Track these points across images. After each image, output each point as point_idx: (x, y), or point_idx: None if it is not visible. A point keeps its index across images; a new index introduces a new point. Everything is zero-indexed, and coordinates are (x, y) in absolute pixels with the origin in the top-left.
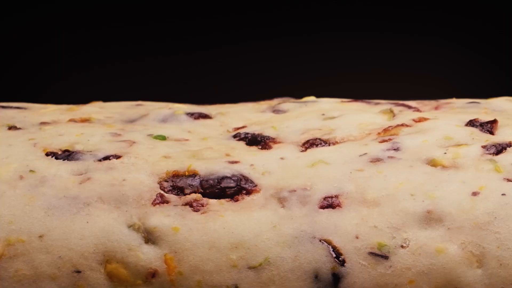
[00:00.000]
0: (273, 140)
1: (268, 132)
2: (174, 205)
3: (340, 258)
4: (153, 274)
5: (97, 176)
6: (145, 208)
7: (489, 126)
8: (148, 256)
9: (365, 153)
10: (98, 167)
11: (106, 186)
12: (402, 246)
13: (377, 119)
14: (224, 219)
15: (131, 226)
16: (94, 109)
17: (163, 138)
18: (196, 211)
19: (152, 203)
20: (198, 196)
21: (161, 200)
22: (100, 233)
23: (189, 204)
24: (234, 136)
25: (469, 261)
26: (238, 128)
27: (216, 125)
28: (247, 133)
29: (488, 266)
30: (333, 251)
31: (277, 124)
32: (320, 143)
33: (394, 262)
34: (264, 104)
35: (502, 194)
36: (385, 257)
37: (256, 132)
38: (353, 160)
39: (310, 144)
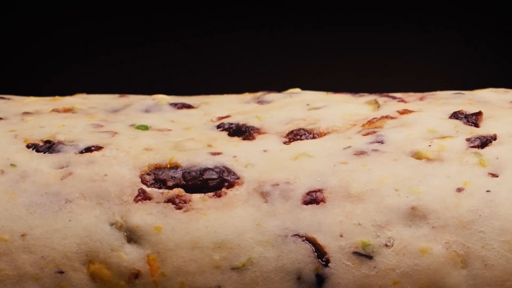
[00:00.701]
0: (258, 131)
1: (252, 122)
2: (157, 202)
3: (324, 258)
4: (136, 275)
5: (79, 171)
6: (127, 205)
7: (474, 118)
8: (131, 256)
9: (349, 146)
10: (79, 160)
11: (88, 182)
12: (386, 245)
13: (361, 110)
14: (207, 218)
15: (113, 224)
16: (78, 99)
17: (145, 128)
18: (179, 209)
19: (134, 200)
20: (181, 191)
21: (143, 197)
22: (82, 232)
23: (172, 200)
24: (218, 126)
25: (454, 261)
26: (222, 118)
27: (200, 115)
28: (231, 123)
29: (472, 266)
30: (317, 250)
31: (261, 114)
32: (304, 134)
33: (379, 263)
34: (249, 96)
35: (487, 191)
36: (370, 257)
37: (240, 122)
38: (337, 153)
39: (294, 134)
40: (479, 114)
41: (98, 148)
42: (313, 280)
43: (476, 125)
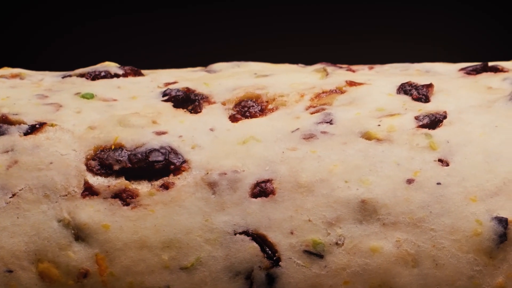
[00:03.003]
0: (206, 99)
1: (200, 88)
2: (104, 198)
3: (275, 257)
4: (85, 274)
5: (24, 159)
6: (75, 200)
7: (424, 90)
8: (79, 255)
9: (298, 129)
10: (24, 145)
11: (33, 171)
12: (337, 244)
13: (310, 79)
14: (155, 216)
15: (61, 221)
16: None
17: (91, 96)
18: (127, 205)
19: (82, 195)
20: (127, 184)
21: (90, 192)
22: (30, 230)
23: (119, 195)
24: (165, 94)
25: (404, 260)
26: (169, 84)
27: (147, 81)
28: (178, 91)
29: (423, 266)
30: (267, 248)
31: (209, 81)
32: (252, 106)
33: (329, 262)
34: (197, 68)
35: (437, 183)
36: (320, 256)
37: (190, 88)
38: (285, 137)
39: (242, 106)
40: (430, 86)
41: (43, 124)
42: (263, 280)
43: (427, 98)
